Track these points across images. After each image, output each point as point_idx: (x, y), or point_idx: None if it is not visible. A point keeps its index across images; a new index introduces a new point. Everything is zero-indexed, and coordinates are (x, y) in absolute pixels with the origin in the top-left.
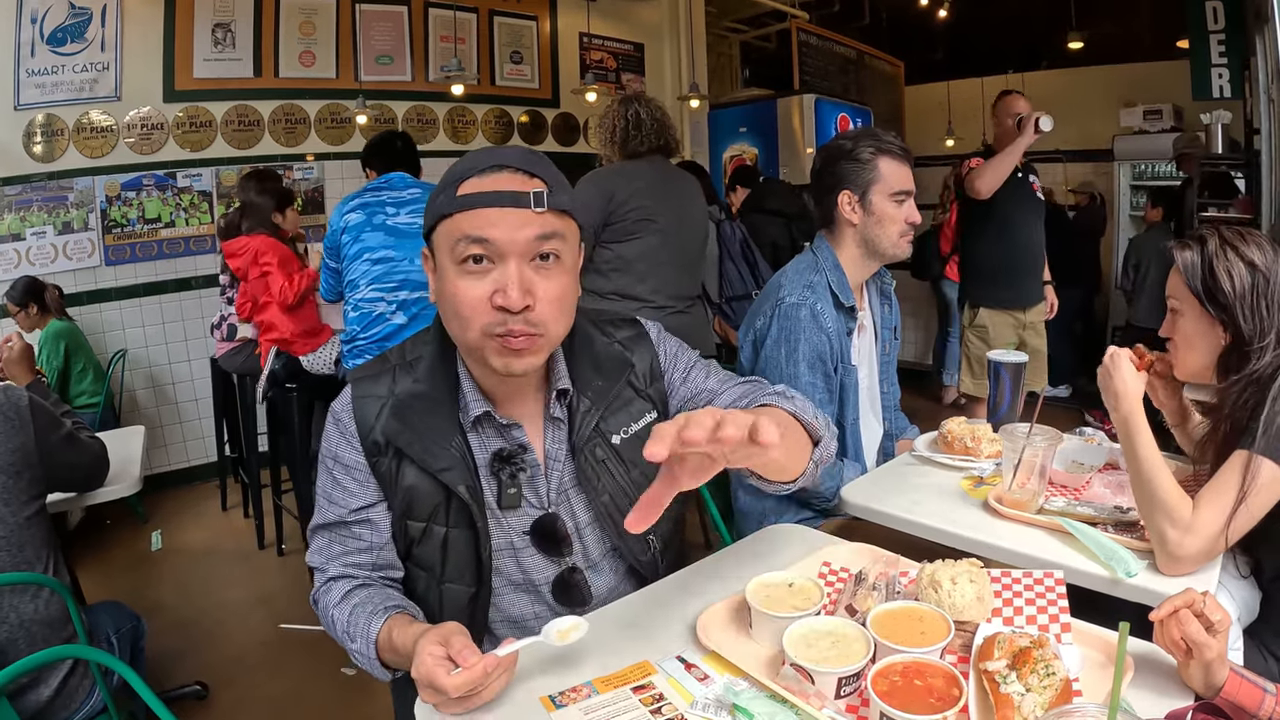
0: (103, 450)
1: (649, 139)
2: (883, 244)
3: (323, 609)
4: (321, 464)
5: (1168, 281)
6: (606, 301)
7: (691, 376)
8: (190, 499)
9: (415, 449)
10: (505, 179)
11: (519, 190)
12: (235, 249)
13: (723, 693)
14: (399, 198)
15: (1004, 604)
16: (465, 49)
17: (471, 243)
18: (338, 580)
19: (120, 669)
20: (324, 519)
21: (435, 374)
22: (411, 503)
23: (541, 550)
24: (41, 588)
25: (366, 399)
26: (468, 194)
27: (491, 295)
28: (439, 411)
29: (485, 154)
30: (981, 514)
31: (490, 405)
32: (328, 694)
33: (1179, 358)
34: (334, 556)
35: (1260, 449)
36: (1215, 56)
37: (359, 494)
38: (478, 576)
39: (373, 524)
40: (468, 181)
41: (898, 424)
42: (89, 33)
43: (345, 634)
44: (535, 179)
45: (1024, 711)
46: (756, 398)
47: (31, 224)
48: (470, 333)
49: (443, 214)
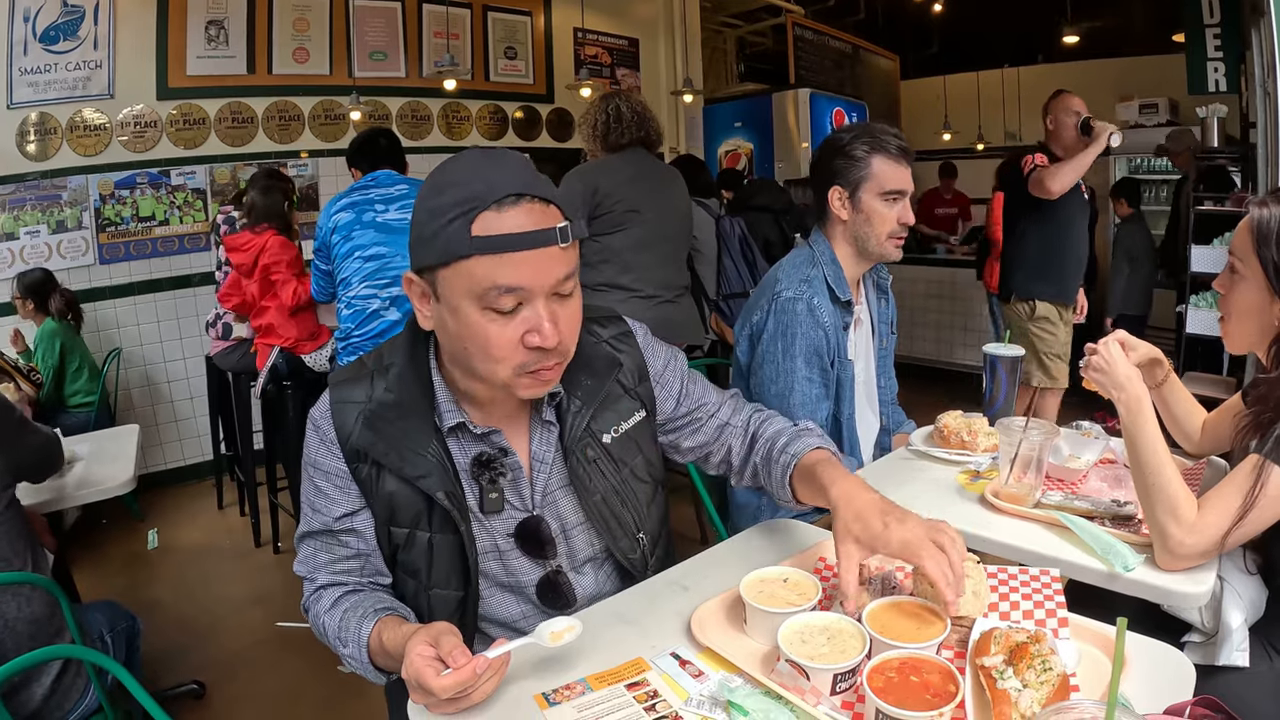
0: (54, 434)
1: (629, 131)
2: (870, 244)
3: (314, 617)
4: (304, 471)
5: (1234, 237)
6: (596, 294)
7: (691, 388)
8: (186, 497)
9: (391, 459)
10: (525, 213)
11: (544, 228)
12: (240, 243)
13: (717, 689)
14: (387, 194)
15: (1000, 599)
16: (459, 44)
17: (503, 293)
18: (327, 588)
19: (113, 668)
20: (309, 527)
21: (407, 381)
22: (394, 510)
23: (526, 553)
24: (23, 586)
25: (345, 405)
26: (490, 235)
27: (523, 336)
28: (412, 419)
29: (489, 177)
30: (978, 508)
31: (464, 415)
32: (324, 691)
33: (1229, 326)
34: (321, 565)
35: (1276, 456)
36: (1211, 50)
37: (341, 502)
38: (465, 580)
39: (357, 533)
40: (483, 216)
41: (894, 418)
42: (82, 31)
43: (337, 640)
44: (552, 207)
45: (1021, 707)
46: (765, 433)
47: (25, 223)
48: (502, 373)
49: (456, 255)
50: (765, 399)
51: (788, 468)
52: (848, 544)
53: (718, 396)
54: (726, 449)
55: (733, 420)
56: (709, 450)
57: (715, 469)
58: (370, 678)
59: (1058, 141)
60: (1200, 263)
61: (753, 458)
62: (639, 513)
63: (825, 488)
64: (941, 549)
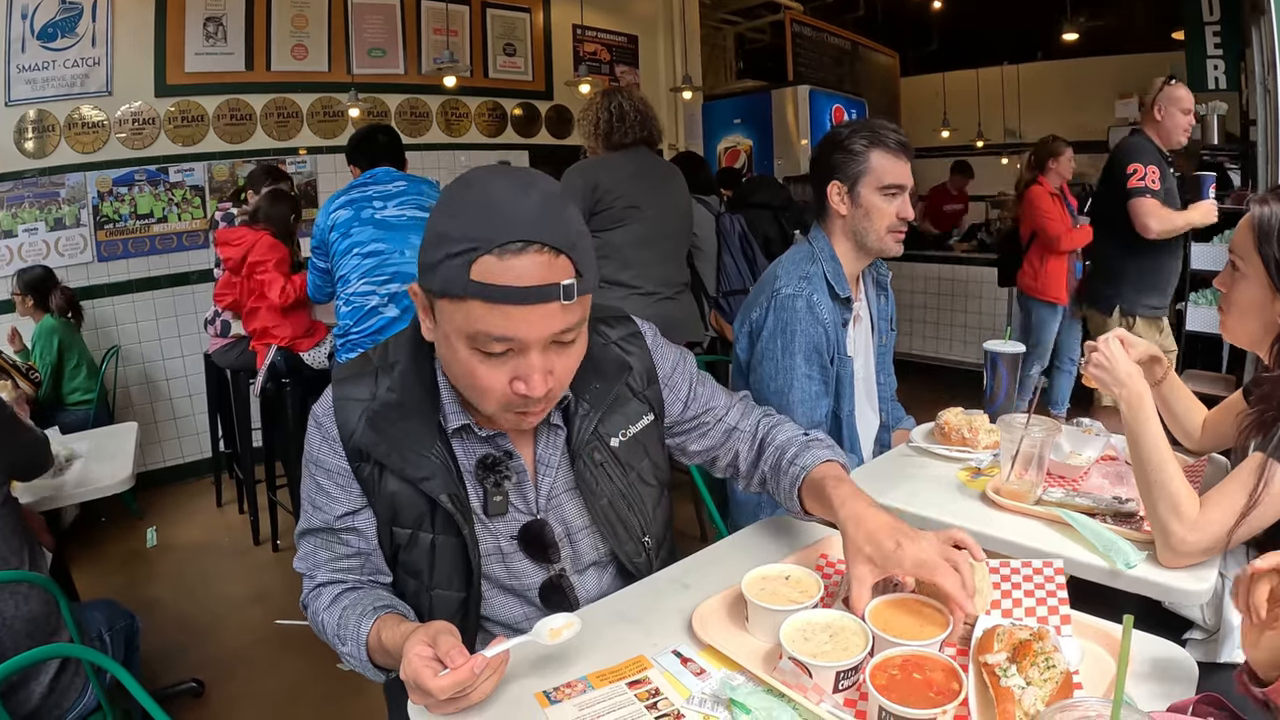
0: (43, 435)
1: (633, 130)
2: (869, 239)
3: (313, 614)
4: (305, 468)
5: (1235, 235)
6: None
7: (699, 391)
8: (185, 495)
9: (393, 460)
10: (530, 263)
11: (547, 284)
12: (231, 238)
13: (719, 687)
14: (385, 191)
15: (1003, 595)
16: (458, 41)
17: (493, 341)
18: (326, 585)
19: (111, 667)
20: (309, 524)
21: (411, 382)
22: (396, 510)
23: (529, 556)
24: (20, 584)
25: (348, 402)
26: (486, 283)
27: (511, 382)
28: (415, 420)
29: (501, 213)
30: (979, 505)
31: (469, 418)
32: (324, 689)
33: (1229, 322)
34: (321, 563)
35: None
36: (1211, 48)
37: (343, 500)
38: (467, 581)
39: (358, 531)
40: (484, 260)
41: (893, 415)
42: (79, 28)
43: (336, 637)
44: (562, 257)
45: (1025, 705)
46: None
47: (23, 220)
48: (487, 406)
49: (452, 294)
50: (764, 396)
51: (796, 480)
52: (860, 566)
53: (727, 399)
54: (734, 454)
55: (741, 425)
56: (716, 454)
57: (722, 472)
58: (369, 676)
59: (1160, 132)
60: (1200, 260)
61: (761, 465)
62: (644, 516)
63: (835, 508)
64: (955, 567)
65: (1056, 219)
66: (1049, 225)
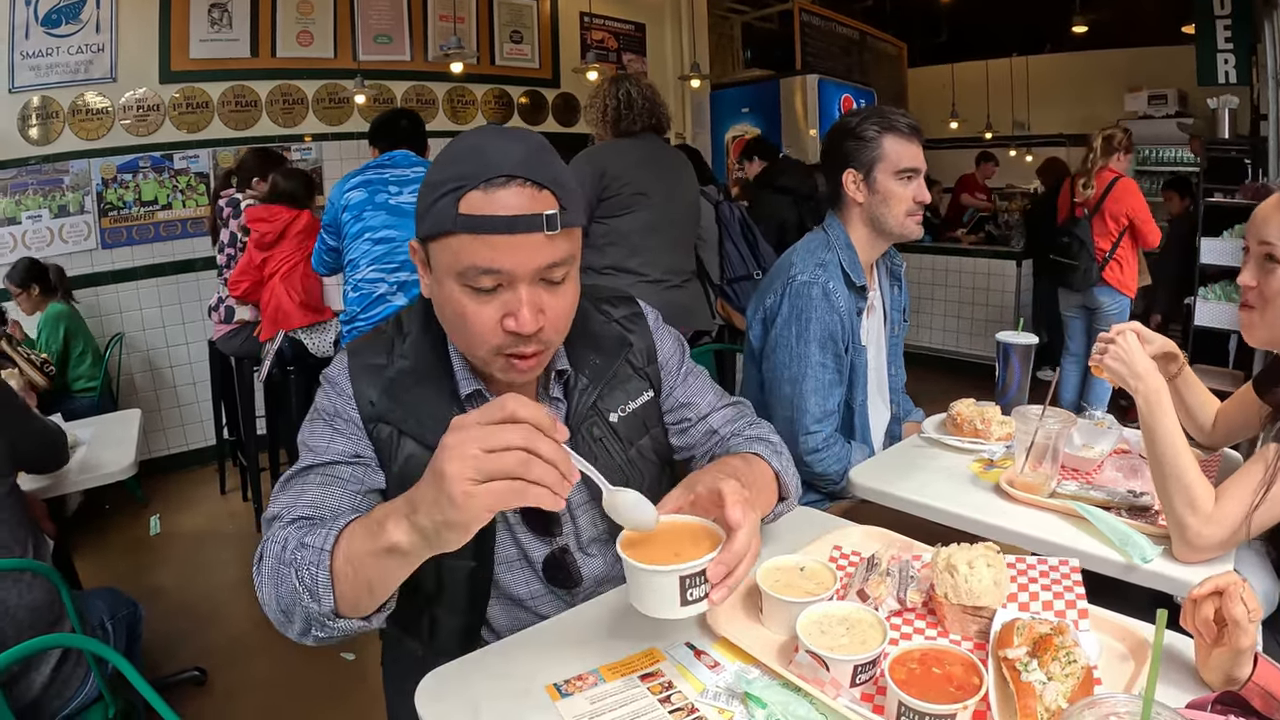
0: (59, 428)
1: (641, 117)
2: (889, 223)
3: (263, 575)
4: (309, 422)
5: (1264, 226)
6: (603, 277)
7: (687, 385)
8: (189, 483)
9: (410, 424)
10: (514, 195)
11: (530, 213)
12: (267, 214)
13: (734, 681)
14: (402, 176)
15: (1020, 589)
16: (465, 28)
17: (480, 274)
18: (293, 524)
19: (112, 657)
20: (301, 465)
21: (423, 349)
22: (411, 474)
23: (531, 529)
24: (23, 573)
25: (363, 365)
26: (472, 215)
27: (502, 319)
28: (430, 386)
29: (487, 156)
30: (992, 497)
31: (481, 384)
32: (326, 678)
33: (1267, 318)
34: (302, 498)
35: None
36: (1221, 42)
37: (349, 443)
38: (478, 551)
39: (366, 467)
40: (471, 195)
41: (904, 407)
42: (84, 14)
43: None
44: (545, 191)
45: (1046, 700)
46: (743, 433)
47: (27, 207)
48: (478, 350)
49: (442, 230)
50: (778, 385)
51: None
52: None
53: (715, 399)
54: (711, 459)
55: (722, 431)
56: (693, 454)
57: None
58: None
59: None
60: (1210, 255)
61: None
62: (646, 493)
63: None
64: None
65: (1147, 221)
66: (1151, 219)
